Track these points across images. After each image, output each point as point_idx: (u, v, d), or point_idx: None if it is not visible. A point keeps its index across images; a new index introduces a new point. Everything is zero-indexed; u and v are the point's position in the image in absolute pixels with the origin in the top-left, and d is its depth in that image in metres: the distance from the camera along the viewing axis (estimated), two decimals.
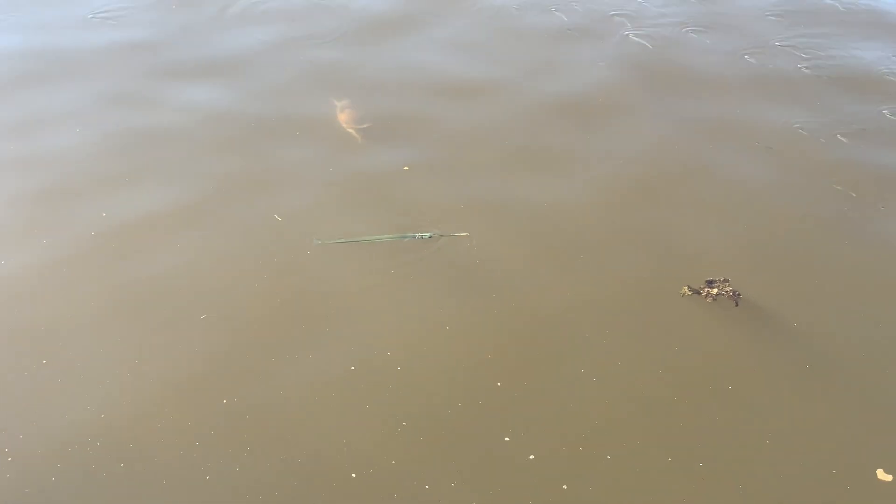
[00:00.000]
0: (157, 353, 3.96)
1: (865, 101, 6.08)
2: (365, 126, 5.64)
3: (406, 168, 5.20)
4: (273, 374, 3.88)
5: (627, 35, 6.86)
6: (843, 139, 5.63)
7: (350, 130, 5.64)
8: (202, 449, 3.56)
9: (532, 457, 3.55)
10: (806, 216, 4.95)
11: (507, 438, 3.61)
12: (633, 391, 3.83)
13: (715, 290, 4.31)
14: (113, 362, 3.91)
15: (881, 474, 3.48)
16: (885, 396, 3.83)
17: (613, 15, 7.18)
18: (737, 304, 4.27)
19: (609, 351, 4.01)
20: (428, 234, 4.64)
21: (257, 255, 4.51)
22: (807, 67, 6.49)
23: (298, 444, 3.60)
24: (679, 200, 5.03)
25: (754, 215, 4.93)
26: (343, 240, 4.60)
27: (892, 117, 5.90)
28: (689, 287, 4.34)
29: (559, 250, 4.62)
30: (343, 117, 5.76)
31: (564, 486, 3.44)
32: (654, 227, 4.81)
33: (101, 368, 3.89)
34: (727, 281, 4.35)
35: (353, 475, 3.48)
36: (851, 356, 4.03)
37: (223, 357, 3.96)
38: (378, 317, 4.16)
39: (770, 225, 4.86)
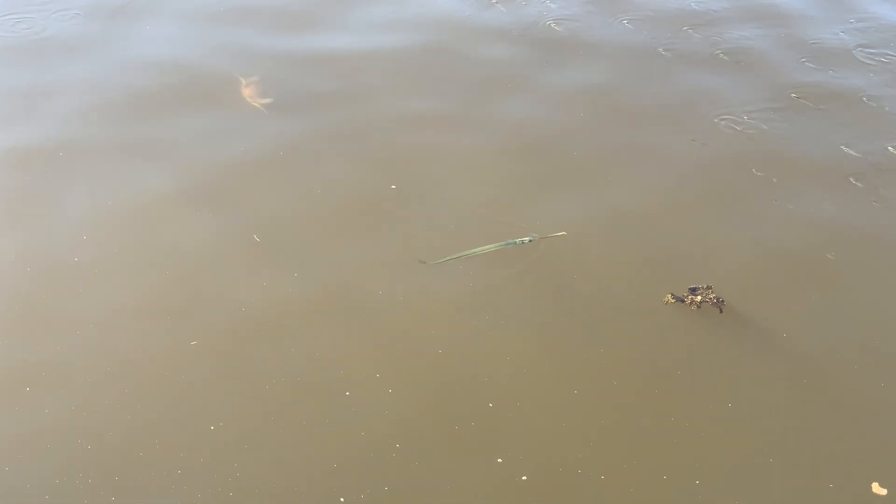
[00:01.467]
0: (142, 383, 3.78)
1: (776, 85, 6.13)
2: (267, 101, 5.66)
3: (393, 187, 5.00)
4: (264, 397, 3.73)
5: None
6: (763, 126, 5.65)
7: (255, 104, 5.65)
8: (191, 477, 3.41)
9: (524, 477, 3.43)
10: (744, 210, 4.89)
11: (500, 460, 3.50)
12: (627, 410, 3.72)
13: (699, 298, 4.22)
14: (96, 380, 3.75)
15: (876, 488, 3.40)
16: (879, 410, 3.75)
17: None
18: (721, 311, 4.19)
19: (601, 368, 3.89)
20: (528, 239, 4.47)
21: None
22: (724, 53, 6.50)
23: (289, 470, 3.45)
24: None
25: (704, 217, 4.85)
26: (447, 258, 4.41)
27: (800, 100, 5.96)
28: (672, 295, 4.26)
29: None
30: (247, 92, 5.77)
31: None
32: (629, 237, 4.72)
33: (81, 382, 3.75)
34: (710, 288, 4.26)
35: (342, 499, 3.35)
36: (846, 368, 3.94)
37: (210, 383, 3.79)
38: (367, 338, 4.01)
39: (722, 226, 4.78)
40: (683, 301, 4.22)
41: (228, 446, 3.53)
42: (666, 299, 4.24)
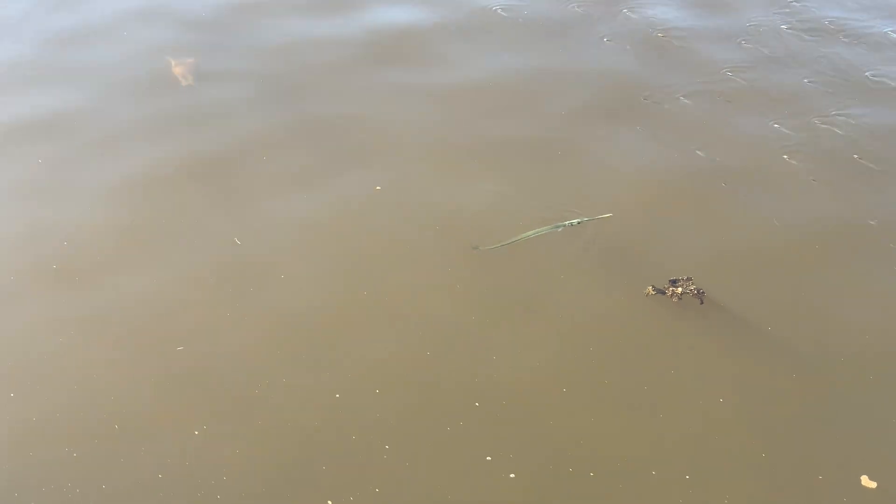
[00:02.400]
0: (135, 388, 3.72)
1: (709, 63, 6.09)
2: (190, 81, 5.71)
3: (378, 188, 4.86)
4: (252, 400, 3.65)
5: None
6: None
7: (185, 83, 5.70)
8: (177, 480, 3.35)
9: (513, 475, 3.37)
10: (687, 191, 4.87)
11: (489, 458, 3.43)
12: (617, 407, 3.66)
13: (679, 290, 4.18)
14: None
15: (865, 481, 3.38)
16: (868, 402, 3.71)
17: None
18: (701, 303, 4.14)
19: (590, 365, 3.83)
20: (577, 221, 4.40)
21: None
22: (660, 33, 6.46)
23: (278, 472, 3.37)
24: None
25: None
26: (500, 243, 4.36)
27: (734, 76, 5.94)
28: (653, 287, 4.20)
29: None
30: (178, 71, 5.79)
31: None
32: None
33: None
34: (690, 279, 4.22)
35: (329, 502, 3.28)
36: (834, 361, 3.89)
37: (199, 385, 3.72)
38: (351, 340, 3.92)
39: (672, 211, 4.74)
40: (664, 293, 4.18)
41: (215, 449, 3.45)
42: (647, 291, 4.19)
